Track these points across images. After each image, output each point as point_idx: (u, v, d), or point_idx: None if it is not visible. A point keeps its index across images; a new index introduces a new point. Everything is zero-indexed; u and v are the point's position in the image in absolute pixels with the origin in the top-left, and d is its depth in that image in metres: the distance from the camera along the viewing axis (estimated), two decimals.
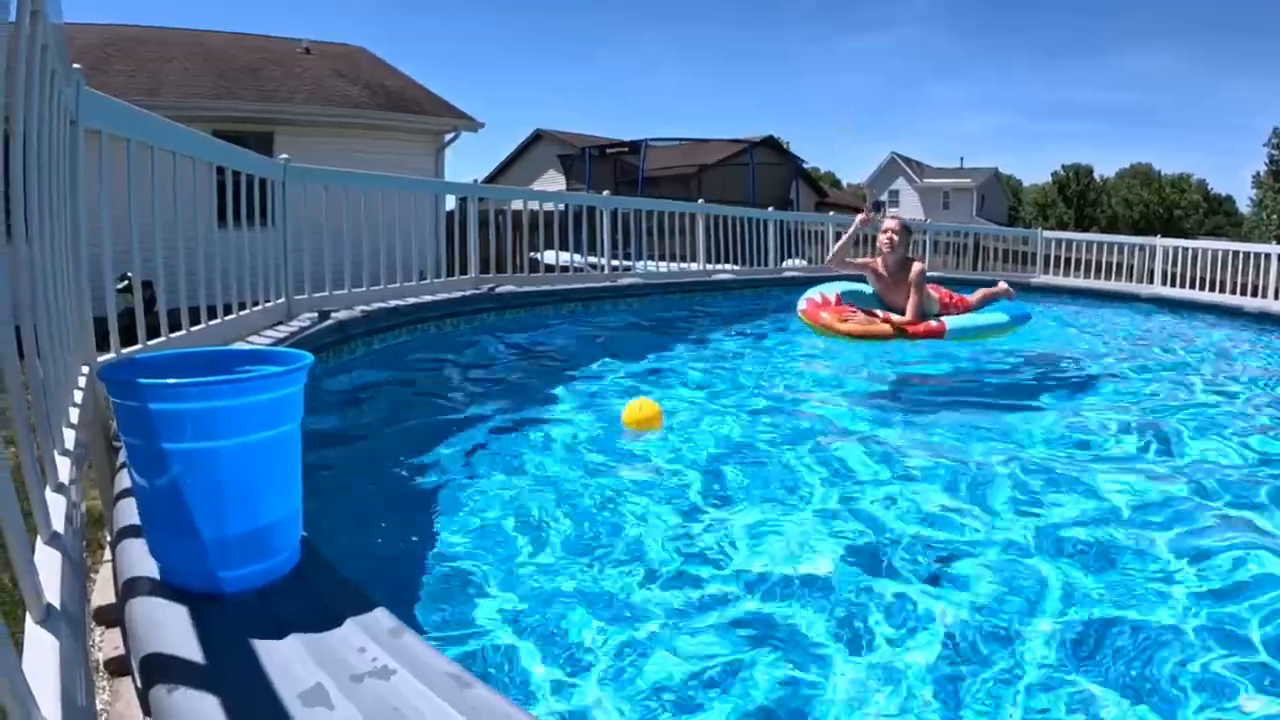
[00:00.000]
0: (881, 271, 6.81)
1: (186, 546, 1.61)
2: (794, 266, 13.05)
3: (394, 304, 6.78)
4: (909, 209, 57.01)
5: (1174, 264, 12.89)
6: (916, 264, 6.64)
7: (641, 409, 4.35)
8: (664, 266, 11.43)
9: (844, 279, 7.11)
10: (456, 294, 7.82)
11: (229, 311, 4.59)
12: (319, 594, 1.65)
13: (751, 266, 12.09)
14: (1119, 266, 13.70)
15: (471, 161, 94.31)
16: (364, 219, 6.80)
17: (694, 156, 29.54)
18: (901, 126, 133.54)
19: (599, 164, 25.77)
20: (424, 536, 2.92)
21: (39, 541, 1.58)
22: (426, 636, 1.93)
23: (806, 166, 38.29)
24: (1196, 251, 12.71)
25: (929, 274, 6.95)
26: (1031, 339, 7.68)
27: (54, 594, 1.42)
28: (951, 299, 7.05)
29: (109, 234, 3.17)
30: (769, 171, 27.25)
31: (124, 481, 2.09)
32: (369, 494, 3.43)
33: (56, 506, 1.72)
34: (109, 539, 2.39)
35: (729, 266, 11.79)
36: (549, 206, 10.35)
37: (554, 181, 33.01)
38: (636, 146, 25.05)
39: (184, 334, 3.89)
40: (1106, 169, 79.60)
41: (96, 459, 2.57)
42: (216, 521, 1.61)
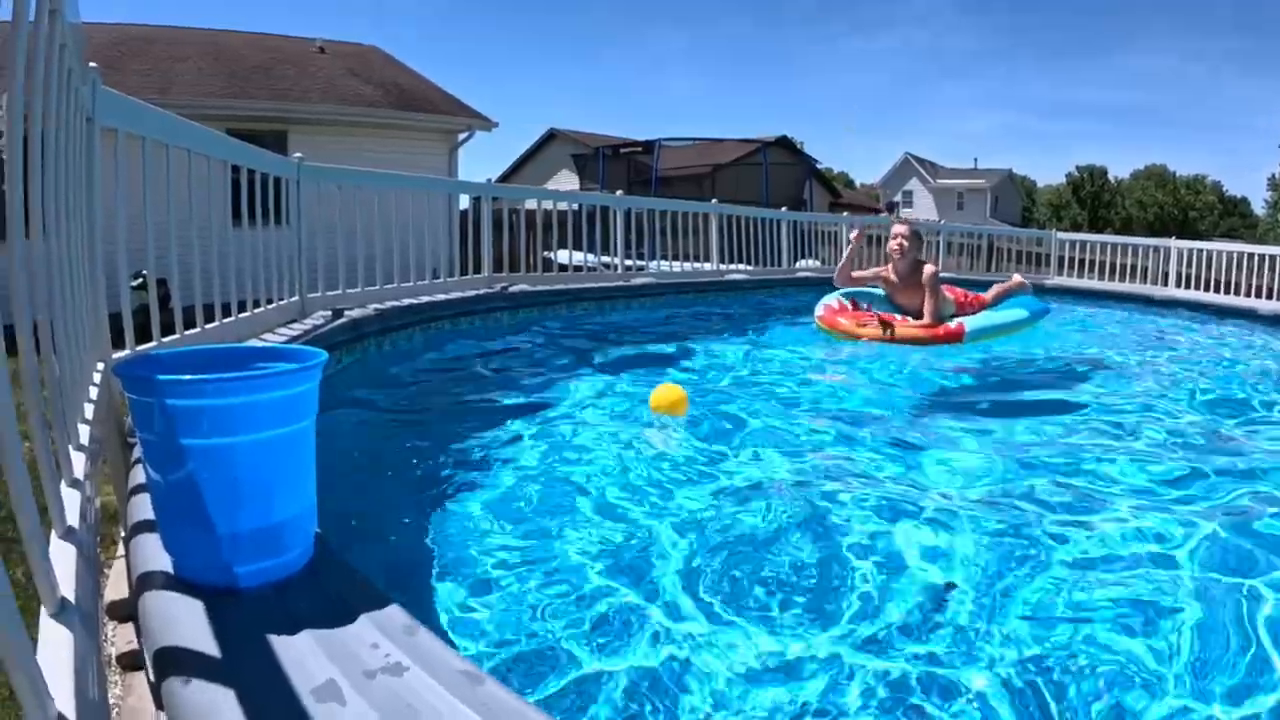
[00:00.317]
0: (893, 278, 6.79)
1: (200, 542, 1.61)
2: (807, 267, 13.03)
3: (407, 302, 6.79)
4: (923, 210, 56.91)
5: (1189, 266, 12.81)
6: (928, 266, 6.62)
7: (669, 393, 4.49)
8: (677, 266, 11.42)
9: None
10: (470, 293, 7.83)
11: (243, 309, 4.60)
12: (333, 590, 1.65)
13: (765, 267, 12.06)
14: (1134, 268, 13.62)
15: (485, 161, 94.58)
16: (378, 218, 6.81)
17: (707, 156, 29.56)
18: (915, 127, 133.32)
19: (612, 164, 25.80)
20: (440, 532, 2.93)
21: (54, 536, 1.59)
22: (439, 633, 1.93)
23: (820, 167, 38.33)
24: (1211, 253, 12.64)
25: (942, 274, 6.93)
26: (1051, 341, 7.65)
27: (68, 588, 1.43)
28: (967, 298, 7.02)
29: (124, 231, 3.19)
30: (782, 172, 27.25)
31: (138, 477, 2.10)
32: (384, 488, 3.44)
33: (71, 501, 1.73)
34: (123, 534, 2.40)
35: (742, 267, 11.77)
36: (563, 206, 10.37)
37: (567, 181, 33.06)
38: (650, 146, 25.08)
39: (198, 331, 3.90)
40: (1121, 170, 79.46)
41: (111, 454, 2.58)
42: (231, 517, 1.62)
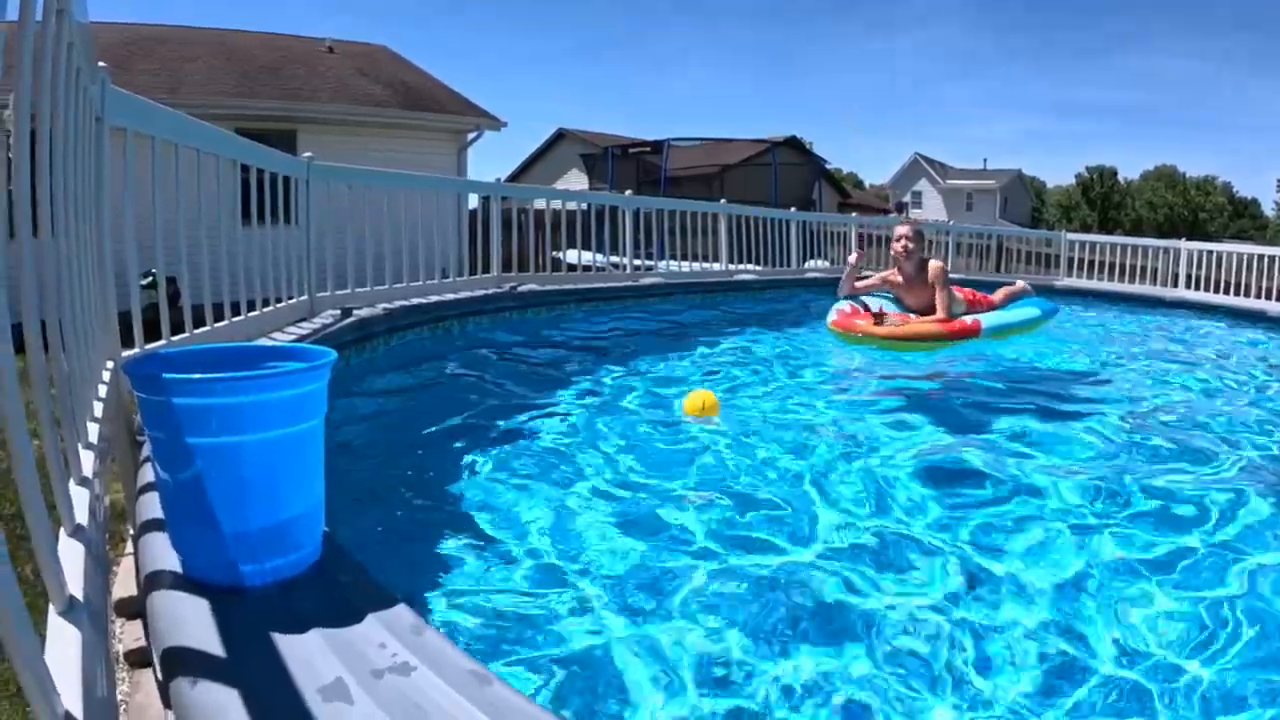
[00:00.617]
0: (900, 280, 6.76)
1: (208, 540, 1.61)
2: (816, 267, 13.01)
3: (416, 302, 6.79)
4: (932, 210, 56.81)
5: (1199, 267, 12.76)
6: (934, 262, 6.58)
7: (703, 399, 4.61)
8: (686, 266, 11.42)
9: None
10: (479, 292, 7.83)
11: (252, 308, 4.62)
12: (340, 589, 1.65)
13: (774, 267, 12.05)
14: (1143, 269, 13.57)
15: (494, 160, 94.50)
16: (386, 217, 6.82)
17: (716, 156, 29.57)
18: (924, 127, 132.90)
19: (621, 163, 25.81)
20: (450, 531, 2.93)
21: (62, 534, 1.59)
22: (447, 633, 1.93)
23: (829, 167, 38.23)
24: (1222, 255, 12.59)
25: (950, 276, 6.91)
26: (1065, 341, 7.62)
27: (76, 586, 1.43)
28: (976, 298, 7.00)
29: (133, 230, 3.19)
30: (791, 172, 27.22)
31: (147, 475, 2.10)
32: (393, 487, 3.44)
33: (80, 499, 1.73)
34: (131, 532, 2.40)
35: (751, 267, 11.76)
36: (571, 206, 10.34)
37: (576, 181, 33.12)
38: (659, 146, 25.10)
39: (208, 330, 3.91)
40: (1131, 171, 79.23)
41: (120, 453, 2.58)
42: (239, 516, 1.62)
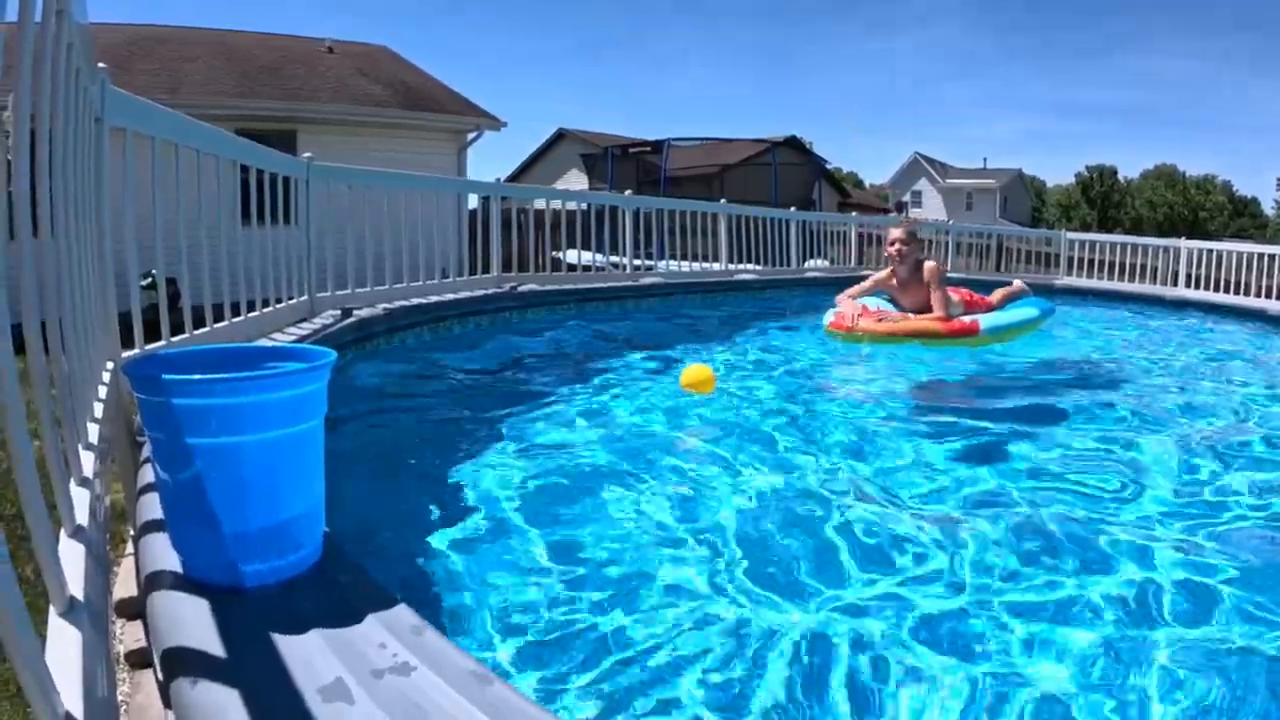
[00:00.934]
0: (894, 283, 6.76)
1: (209, 541, 1.61)
2: (816, 267, 13.01)
3: (416, 302, 6.80)
4: (932, 210, 56.82)
5: (1199, 266, 12.76)
6: (929, 263, 6.58)
7: (698, 372, 4.78)
8: (686, 266, 11.42)
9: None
10: (479, 292, 7.83)
11: (252, 308, 4.62)
12: (340, 589, 1.65)
13: (774, 266, 12.05)
14: (1143, 268, 13.57)
15: (494, 160, 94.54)
16: (386, 217, 6.82)
17: (716, 156, 29.57)
18: (924, 127, 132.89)
19: (621, 163, 25.81)
20: (450, 531, 2.92)
21: (63, 534, 1.59)
22: (447, 633, 1.93)
23: (829, 167, 38.22)
24: (1221, 254, 12.59)
25: (949, 275, 6.91)
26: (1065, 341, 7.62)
27: (77, 586, 1.43)
28: (974, 298, 7.00)
29: (133, 230, 3.19)
30: (791, 171, 27.21)
31: (147, 476, 2.10)
32: (394, 486, 3.44)
33: (80, 500, 1.73)
34: (132, 533, 2.41)
35: (751, 266, 11.76)
36: (571, 206, 10.34)
37: (576, 181, 33.12)
38: (659, 146, 25.10)
39: (208, 330, 3.91)
40: (1131, 170, 79.24)
41: (120, 453, 2.58)
42: (239, 516, 1.62)
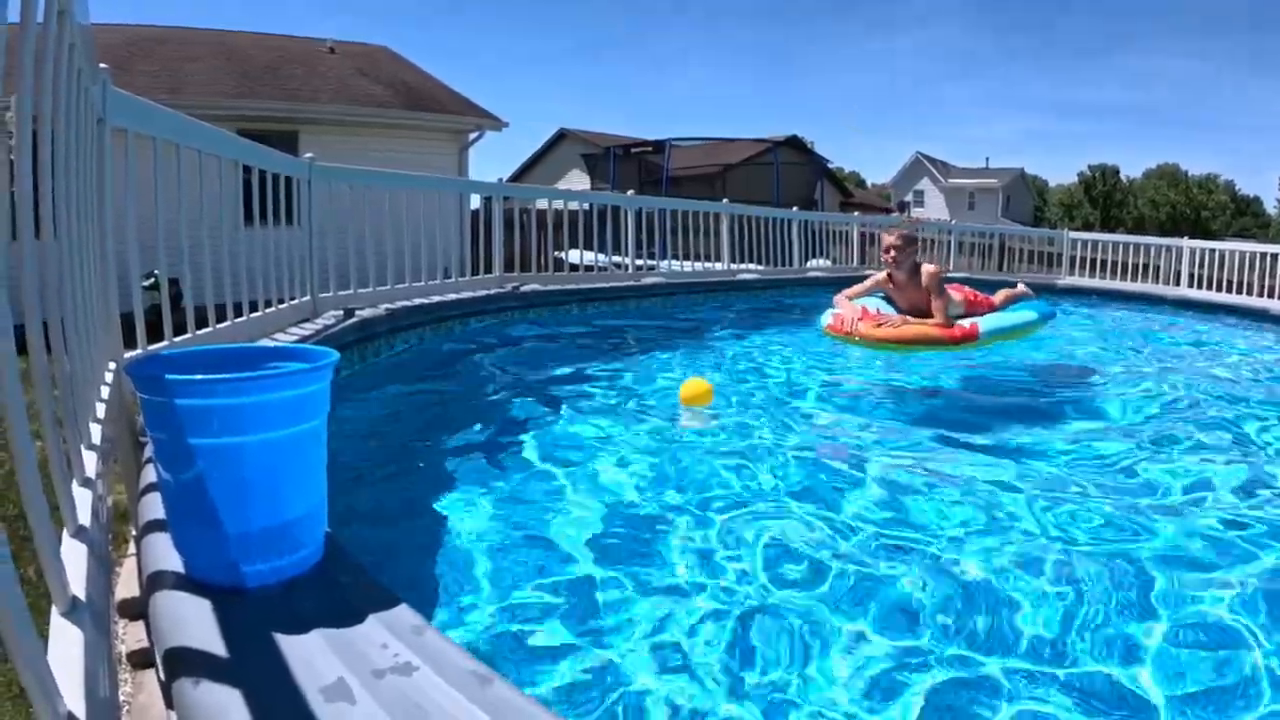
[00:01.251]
0: (892, 286, 6.74)
1: (210, 541, 1.61)
2: (818, 267, 13.00)
3: (418, 302, 6.80)
4: (934, 209, 56.74)
5: (1202, 266, 12.73)
6: (927, 267, 6.54)
7: (696, 386, 4.89)
8: (688, 266, 11.42)
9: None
10: (481, 293, 7.84)
11: (254, 309, 4.61)
12: (342, 590, 1.65)
13: (776, 266, 12.04)
14: (1145, 268, 13.54)
15: (495, 160, 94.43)
16: (388, 218, 6.82)
17: (718, 156, 29.53)
18: (924, 127, 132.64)
19: (623, 163, 25.76)
20: (451, 530, 2.93)
21: (65, 535, 1.59)
22: (448, 631, 1.93)
23: (831, 166, 38.19)
24: (1224, 253, 12.56)
25: (951, 275, 6.89)
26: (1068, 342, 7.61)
27: (79, 587, 1.43)
28: (977, 298, 6.97)
29: (135, 231, 3.19)
30: (793, 171, 27.15)
31: (149, 476, 2.10)
32: (395, 486, 3.45)
33: (83, 500, 1.73)
34: (134, 533, 2.41)
35: (753, 266, 11.75)
36: (573, 206, 10.34)
37: (578, 181, 33.07)
38: (660, 146, 25.04)
39: (210, 331, 3.91)
40: (1133, 169, 78.94)
41: (122, 454, 2.59)
42: (241, 516, 1.62)
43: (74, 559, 1.51)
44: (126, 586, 2.49)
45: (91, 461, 1.94)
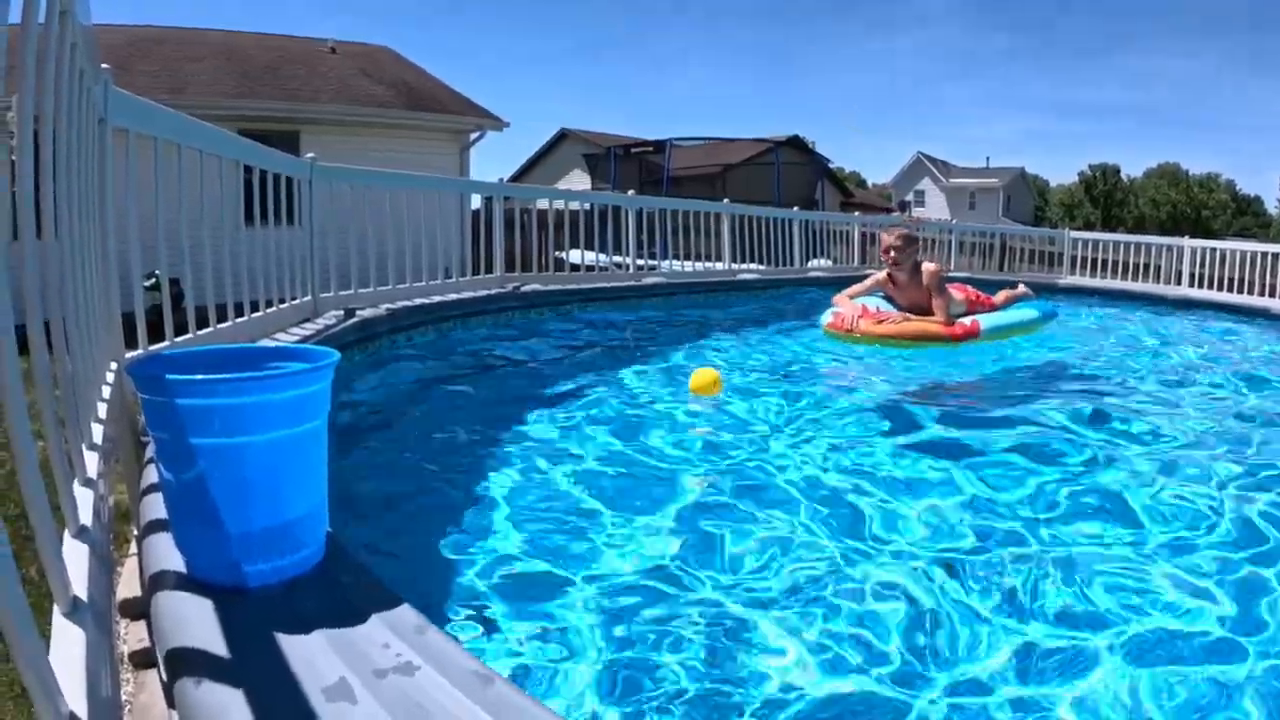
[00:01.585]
0: (893, 286, 6.74)
1: (212, 541, 1.61)
2: (819, 266, 13.00)
3: (419, 302, 6.81)
4: (935, 209, 56.76)
5: (1202, 265, 12.72)
6: (927, 265, 6.55)
7: (705, 375, 4.94)
8: (689, 266, 11.43)
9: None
10: (482, 292, 7.84)
11: (255, 309, 4.62)
12: (343, 589, 1.65)
13: (776, 266, 12.04)
14: (1146, 267, 13.53)
15: (496, 160, 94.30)
16: (389, 218, 6.83)
17: (719, 156, 29.53)
18: (925, 127, 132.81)
19: (624, 163, 25.78)
20: (453, 529, 2.93)
21: (67, 535, 1.59)
22: (452, 631, 1.93)
23: (832, 166, 38.20)
24: (1224, 252, 12.56)
25: (952, 274, 6.89)
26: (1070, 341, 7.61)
27: (81, 587, 1.43)
28: (978, 298, 6.98)
29: (136, 231, 3.19)
30: (794, 171, 27.16)
31: (151, 476, 2.10)
32: (397, 486, 3.44)
33: (84, 500, 1.74)
34: (135, 533, 2.41)
35: (754, 266, 11.75)
36: (574, 206, 10.34)
37: (579, 181, 33.08)
38: (661, 146, 25.06)
39: (211, 330, 3.91)
40: (1134, 169, 78.93)
41: (124, 454, 2.59)
42: (242, 516, 1.62)
43: (76, 559, 1.52)
44: (128, 586, 2.50)
45: (93, 461, 1.95)
